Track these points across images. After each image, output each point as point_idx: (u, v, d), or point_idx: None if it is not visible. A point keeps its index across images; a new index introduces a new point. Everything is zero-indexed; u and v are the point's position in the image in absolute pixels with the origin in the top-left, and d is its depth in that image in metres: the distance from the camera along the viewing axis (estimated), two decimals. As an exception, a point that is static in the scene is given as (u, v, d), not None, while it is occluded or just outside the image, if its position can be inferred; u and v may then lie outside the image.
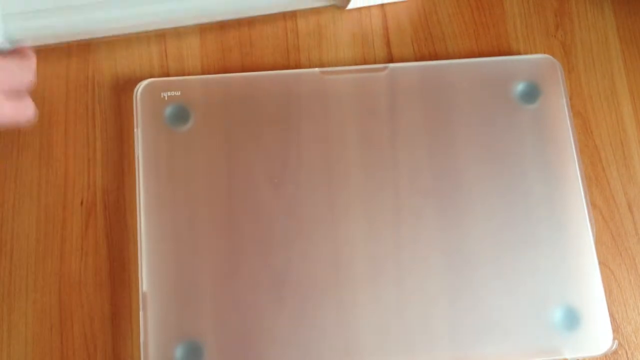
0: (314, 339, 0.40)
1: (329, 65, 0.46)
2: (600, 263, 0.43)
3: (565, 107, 0.44)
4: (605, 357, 0.42)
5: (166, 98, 0.42)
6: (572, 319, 0.40)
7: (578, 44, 0.47)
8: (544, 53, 0.46)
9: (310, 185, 0.42)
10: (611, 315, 0.42)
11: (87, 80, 0.44)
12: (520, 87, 0.45)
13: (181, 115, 0.42)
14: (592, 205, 0.44)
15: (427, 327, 0.40)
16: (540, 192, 0.43)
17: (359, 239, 0.41)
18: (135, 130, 0.42)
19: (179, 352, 0.39)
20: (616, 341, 0.40)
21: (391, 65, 0.45)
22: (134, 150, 0.42)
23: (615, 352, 0.42)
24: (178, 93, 0.43)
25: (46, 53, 0.44)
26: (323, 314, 0.40)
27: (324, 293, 0.40)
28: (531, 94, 0.45)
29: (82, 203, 0.42)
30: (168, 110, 0.42)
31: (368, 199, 0.42)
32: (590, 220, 0.42)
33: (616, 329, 0.42)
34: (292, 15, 0.47)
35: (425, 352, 0.40)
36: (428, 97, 0.44)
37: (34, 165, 0.42)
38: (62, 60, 0.44)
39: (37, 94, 0.44)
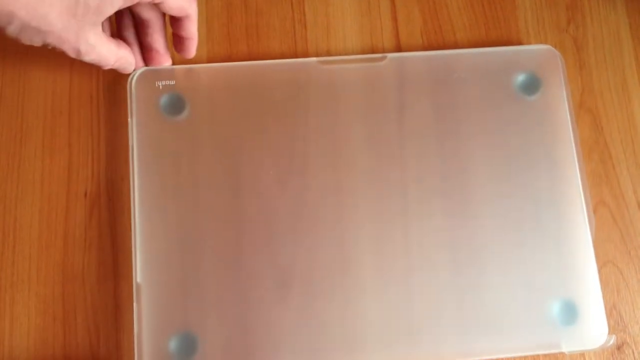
0: (314, 333, 0.40)
1: (337, 55, 0.45)
2: (608, 262, 0.43)
3: (566, 99, 0.44)
4: (612, 356, 0.42)
5: (161, 87, 0.42)
6: (570, 314, 0.40)
7: (590, 39, 0.47)
8: (555, 48, 0.46)
9: (312, 174, 0.42)
10: (618, 314, 0.42)
11: (91, 70, 0.43)
12: (520, 78, 0.44)
13: (176, 104, 0.42)
14: (602, 203, 0.44)
15: (429, 321, 0.40)
16: (540, 185, 0.42)
17: (364, 228, 0.41)
18: (129, 119, 0.41)
19: (173, 343, 0.39)
20: (613, 336, 0.40)
21: (390, 55, 0.44)
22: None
23: (621, 351, 0.42)
24: (172, 82, 0.42)
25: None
26: (326, 307, 0.40)
27: (327, 286, 0.40)
28: (532, 85, 0.44)
29: (85, 194, 0.42)
30: (163, 99, 0.42)
31: (374, 186, 0.42)
32: (589, 215, 0.42)
33: (623, 329, 0.42)
34: (299, 4, 0.46)
35: (426, 346, 0.40)
36: (430, 87, 0.44)
37: (37, 156, 0.42)
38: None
39: (41, 82, 0.43)
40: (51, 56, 0.43)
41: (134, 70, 0.42)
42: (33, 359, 0.39)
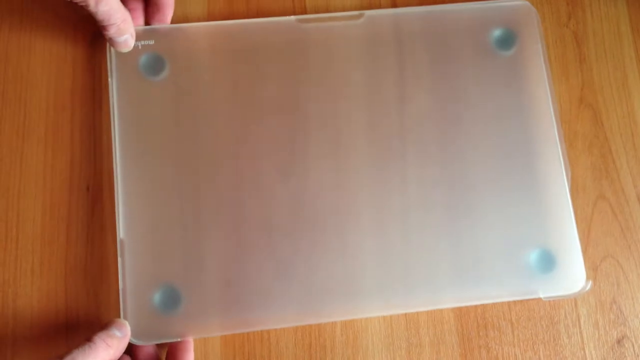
0: (303, 283, 0.40)
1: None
2: (608, 256, 0.43)
3: (541, 54, 0.44)
4: (612, 349, 0.42)
5: (140, 47, 0.42)
6: (548, 262, 0.41)
7: (590, 34, 0.47)
8: (556, 42, 0.46)
9: (301, 127, 0.42)
10: (618, 308, 0.42)
11: (93, 65, 0.44)
12: (496, 33, 0.45)
13: (156, 64, 0.42)
14: (602, 197, 0.44)
15: (407, 269, 0.41)
16: (518, 138, 0.43)
17: (360, 176, 0.42)
18: (109, 79, 0.42)
19: (157, 297, 0.39)
20: (590, 281, 0.41)
21: (367, 12, 0.44)
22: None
23: (621, 344, 0.42)
24: (152, 42, 0.42)
25: (51, 35, 0.44)
26: (316, 257, 0.40)
27: (317, 235, 0.41)
28: (507, 40, 0.45)
29: (88, 188, 0.42)
30: (142, 59, 0.42)
31: (371, 136, 0.42)
32: (565, 166, 0.42)
33: (623, 322, 0.42)
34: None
35: (403, 292, 0.40)
36: (407, 45, 0.44)
37: (39, 150, 0.42)
38: (68, 44, 0.44)
39: (43, 78, 0.43)
40: (54, 51, 0.43)
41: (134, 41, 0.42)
42: (36, 353, 0.40)
